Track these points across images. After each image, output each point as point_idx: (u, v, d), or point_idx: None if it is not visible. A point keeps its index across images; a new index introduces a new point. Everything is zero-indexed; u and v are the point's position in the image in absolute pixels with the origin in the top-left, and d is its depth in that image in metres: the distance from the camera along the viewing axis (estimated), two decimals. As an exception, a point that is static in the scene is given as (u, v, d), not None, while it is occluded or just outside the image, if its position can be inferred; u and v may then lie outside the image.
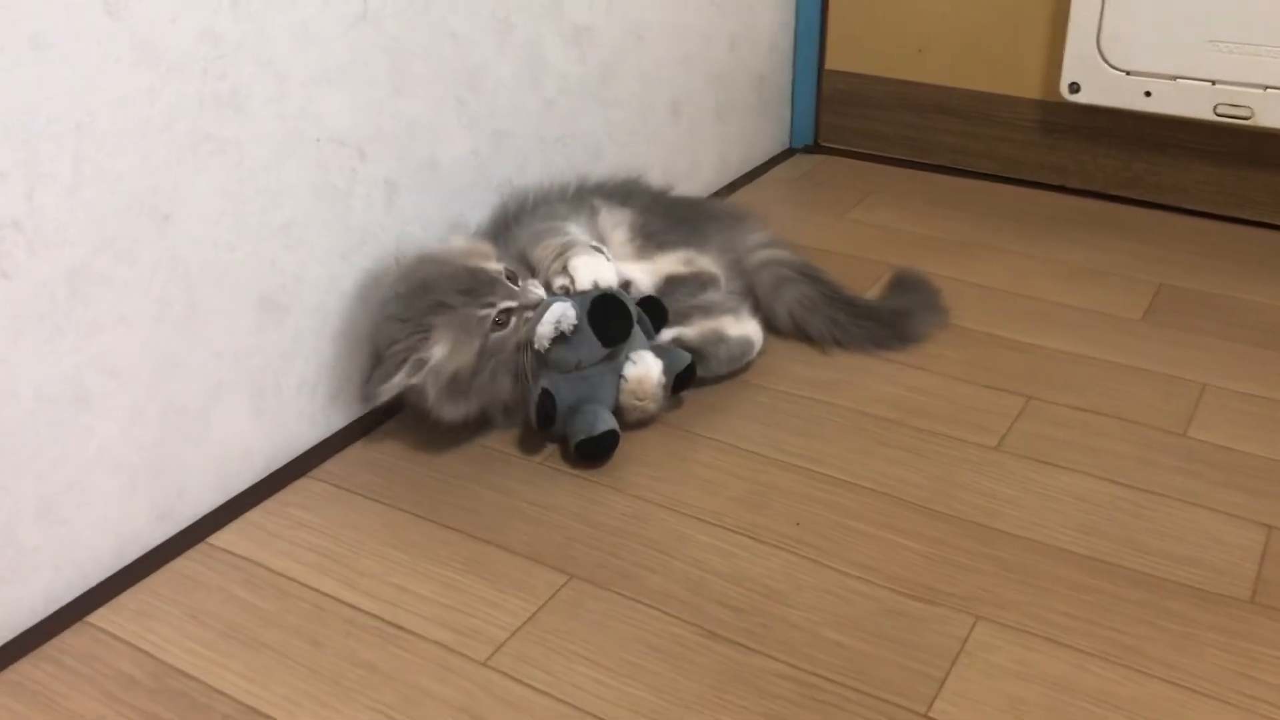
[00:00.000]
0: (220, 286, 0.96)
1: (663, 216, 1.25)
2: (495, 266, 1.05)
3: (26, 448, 0.85)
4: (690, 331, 1.17)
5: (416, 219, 1.15)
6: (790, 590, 0.92)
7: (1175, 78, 1.48)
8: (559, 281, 1.09)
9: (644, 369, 1.07)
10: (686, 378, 1.12)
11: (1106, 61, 1.51)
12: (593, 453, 1.05)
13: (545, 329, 1.03)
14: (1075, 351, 1.25)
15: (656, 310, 1.13)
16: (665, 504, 1.02)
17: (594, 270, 1.08)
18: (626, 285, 1.13)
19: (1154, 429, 1.12)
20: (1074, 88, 1.55)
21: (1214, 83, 1.46)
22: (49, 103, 0.80)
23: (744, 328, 1.20)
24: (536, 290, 1.06)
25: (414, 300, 1.03)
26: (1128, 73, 1.51)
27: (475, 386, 1.03)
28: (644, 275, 1.17)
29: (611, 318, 1.04)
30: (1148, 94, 1.50)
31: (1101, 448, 1.09)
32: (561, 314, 1.03)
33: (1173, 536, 0.97)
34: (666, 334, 1.15)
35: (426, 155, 1.14)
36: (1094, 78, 1.53)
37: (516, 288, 1.05)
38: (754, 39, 1.70)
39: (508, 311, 1.03)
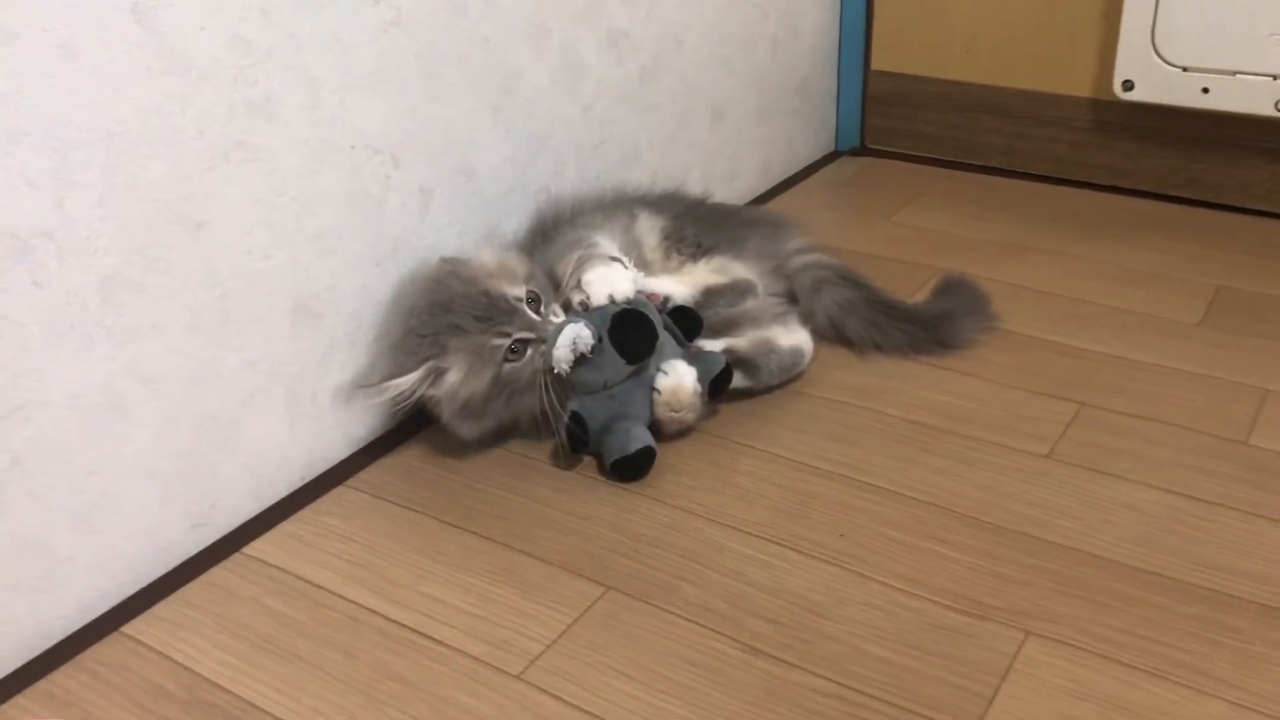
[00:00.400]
0: (254, 294, 0.96)
1: (697, 223, 1.23)
2: (517, 291, 1.02)
3: (60, 456, 0.85)
4: (741, 342, 1.14)
5: (451, 226, 1.14)
6: (832, 603, 0.89)
7: (1234, 73, 1.43)
8: (577, 297, 1.05)
9: (676, 379, 1.05)
10: (722, 382, 1.08)
11: (1161, 57, 1.47)
12: (628, 472, 1.03)
13: (561, 353, 0.99)
14: (1130, 357, 1.21)
15: (689, 319, 1.10)
16: (703, 514, 1.00)
17: (609, 284, 1.04)
18: (665, 300, 1.10)
19: (1213, 437, 1.07)
20: (1127, 85, 1.51)
21: (1275, 77, 1.41)
22: (79, 111, 0.80)
23: (794, 337, 1.18)
24: (557, 321, 1.02)
25: (432, 318, 1.01)
26: (1184, 69, 1.46)
27: (490, 410, 1.02)
28: (680, 288, 1.13)
29: (631, 332, 1.01)
30: (1205, 90, 1.46)
31: (1158, 456, 1.05)
32: (575, 336, 0.99)
33: (1234, 549, 0.93)
34: (717, 344, 1.12)
35: (461, 162, 1.13)
36: (1148, 74, 1.49)
37: (537, 316, 1.02)
38: (797, 41, 1.67)
39: (524, 342, 1.01)
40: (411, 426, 1.13)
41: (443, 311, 1.01)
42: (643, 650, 0.85)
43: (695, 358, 1.08)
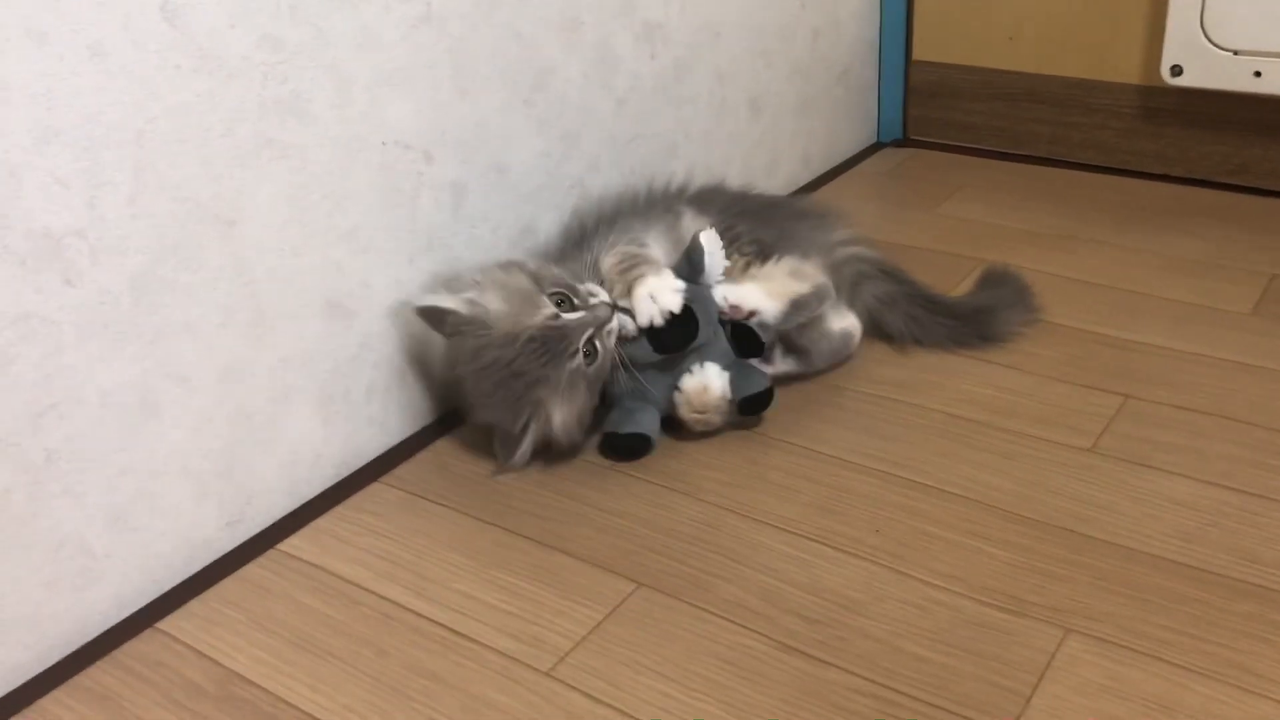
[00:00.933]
0: (286, 292, 0.96)
1: (746, 219, 1.19)
2: (547, 311, 0.99)
3: (95, 455, 0.86)
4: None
5: (485, 222, 1.13)
6: (869, 600, 0.88)
7: (1287, 56, 1.39)
8: (623, 304, 1.03)
9: (701, 381, 1.04)
10: (760, 402, 1.07)
11: (1211, 41, 1.43)
12: (610, 448, 1.04)
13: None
14: (1178, 348, 1.18)
15: (749, 341, 1.07)
16: (738, 510, 0.99)
17: (654, 303, 1.01)
18: (750, 315, 1.06)
19: (1265, 429, 1.04)
20: (1176, 70, 1.47)
21: (1330, 59, 1.37)
22: (109, 110, 0.81)
23: (844, 321, 1.17)
24: (599, 293, 1.02)
25: (511, 387, 0.99)
26: (1235, 52, 1.42)
27: (594, 409, 1.04)
28: (769, 302, 1.07)
29: (668, 326, 1.01)
30: (1258, 74, 1.42)
31: (1206, 449, 1.02)
32: (622, 323, 1.01)
33: (1285, 544, 0.90)
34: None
35: (494, 157, 1.13)
36: (1198, 59, 1.45)
37: (580, 311, 1.00)
38: (837, 31, 1.65)
39: (590, 341, 1.00)
40: (447, 422, 1.12)
41: (514, 379, 0.98)
42: (675, 647, 0.84)
43: (739, 367, 1.07)
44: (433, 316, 1.02)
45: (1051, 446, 1.04)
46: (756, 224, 1.18)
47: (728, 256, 1.12)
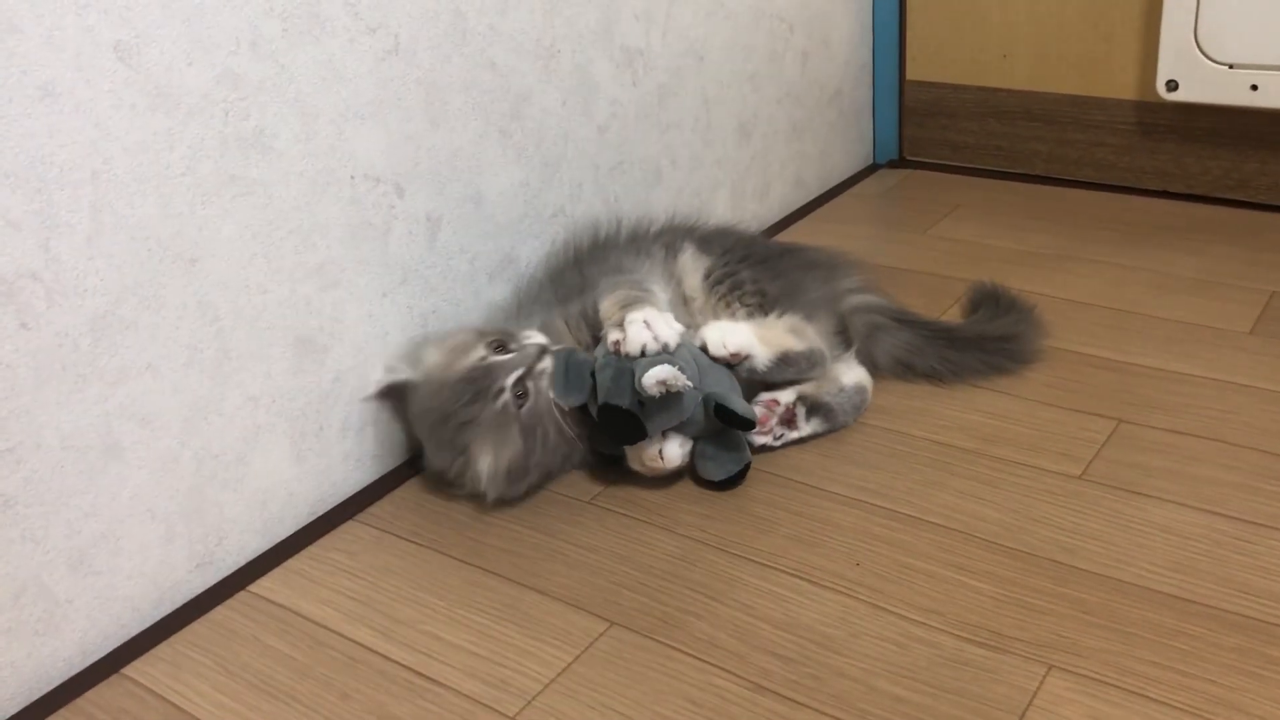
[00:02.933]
0: (253, 329, 0.95)
1: (753, 266, 1.15)
2: (479, 354, 1.00)
3: (55, 498, 0.85)
4: (809, 387, 1.09)
5: (462, 253, 1.12)
6: (845, 637, 0.85)
7: (1283, 68, 1.36)
8: (613, 335, 0.99)
9: (657, 447, 1.01)
10: (730, 484, 1.03)
11: (1205, 55, 1.41)
12: (608, 422, 0.98)
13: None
14: (1174, 369, 1.15)
15: (731, 420, 1.00)
16: (716, 544, 0.96)
17: (654, 329, 0.98)
18: (743, 358, 1.03)
19: (1259, 452, 1.01)
20: (1171, 85, 1.45)
21: (1326, 71, 1.34)
22: (62, 151, 0.80)
23: (855, 374, 1.12)
24: (533, 337, 1.01)
25: (442, 430, 1.00)
26: (1230, 66, 1.40)
27: (532, 464, 1.01)
28: (762, 349, 1.04)
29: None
30: (1254, 88, 1.39)
31: (1198, 475, 0.99)
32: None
33: (1279, 574, 0.87)
34: (787, 394, 1.07)
35: (469, 189, 1.11)
36: (1193, 73, 1.42)
37: (512, 352, 1.00)
38: (828, 53, 1.64)
39: (520, 381, 0.99)
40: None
41: (444, 421, 0.99)
42: (644, 689, 0.82)
43: (722, 435, 1.03)
44: (390, 394, 1.06)
45: (1040, 474, 1.01)
46: (762, 273, 1.14)
47: (727, 305, 1.11)
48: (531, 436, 1.00)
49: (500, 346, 1.01)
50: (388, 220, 1.04)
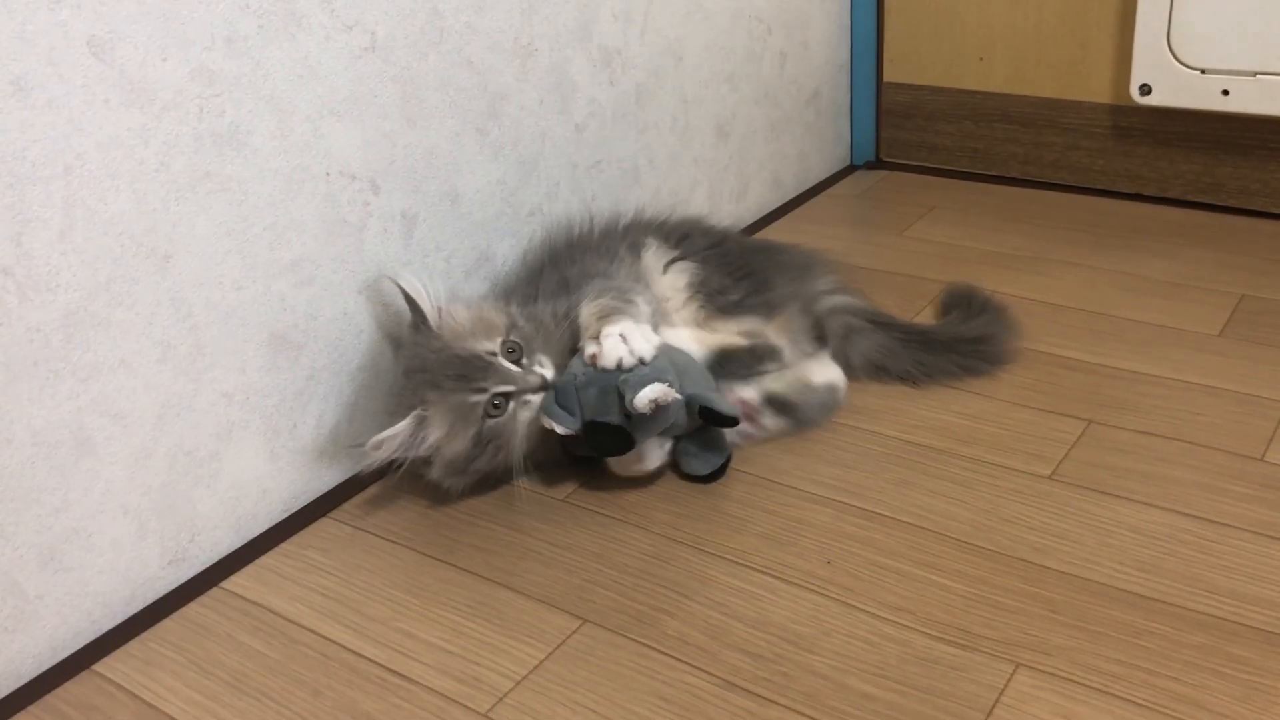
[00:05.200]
0: (227, 326, 0.95)
1: (725, 268, 1.15)
2: (491, 346, 0.99)
3: (25, 494, 0.84)
4: (777, 385, 1.09)
5: (438, 251, 1.12)
6: (816, 635, 0.86)
7: (1255, 74, 1.38)
8: (590, 349, 0.99)
9: (638, 451, 1.00)
10: (711, 478, 1.04)
11: (1178, 60, 1.42)
12: (598, 436, 0.98)
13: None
14: (1144, 371, 1.17)
15: (714, 418, 1.00)
16: (689, 542, 0.97)
17: (630, 342, 0.98)
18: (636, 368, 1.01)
19: (1226, 453, 1.02)
20: (1145, 90, 1.46)
21: (1297, 77, 1.35)
22: (35, 147, 0.80)
23: (827, 373, 1.12)
24: (541, 371, 1.00)
25: (412, 379, 1.00)
26: (1202, 71, 1.41)
27: (472, 469, 1.00)
28: (696, 346, 1.06)
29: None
30: (1225, 92, 1.41)
31: (1166, 475, 1.00)
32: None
33: (1243, 574, 0.88)
34: (750, 390, 1.07)
35: (446, 187, 1.12)
36: (1166, 78, 1.44)
37: (517, 368, 0.99)
38: (806, 54, 1.64)
39: (505, 396, 0.98)
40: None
41: (421, 372, 0.99)
42: (616, 686, 0.83)
43: (702, 434, 1.03)
44: (409, 300, 1.03)
45: (1010, 474, 1.02)
46: (734, 275, 1.14)
47: (689, 300, 1.11)
48: (481, 446, 0.99)
49: (515, 351, 1.00)
50: (363, 218, 1.04)
